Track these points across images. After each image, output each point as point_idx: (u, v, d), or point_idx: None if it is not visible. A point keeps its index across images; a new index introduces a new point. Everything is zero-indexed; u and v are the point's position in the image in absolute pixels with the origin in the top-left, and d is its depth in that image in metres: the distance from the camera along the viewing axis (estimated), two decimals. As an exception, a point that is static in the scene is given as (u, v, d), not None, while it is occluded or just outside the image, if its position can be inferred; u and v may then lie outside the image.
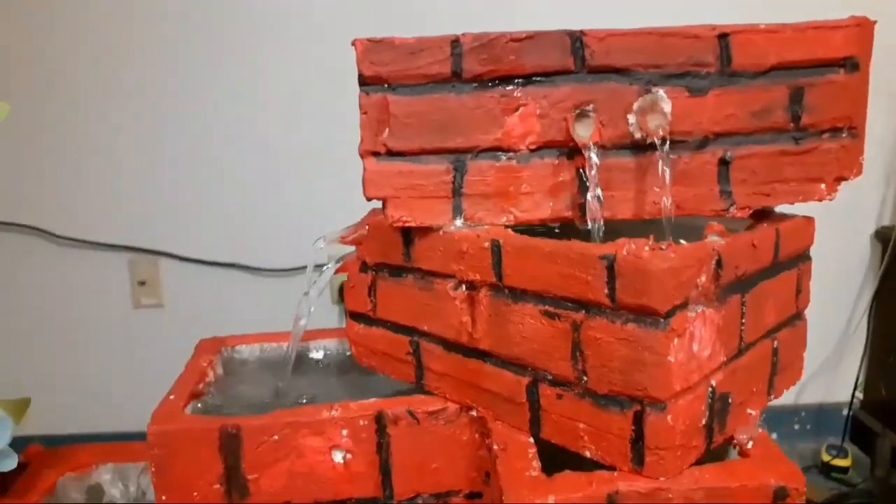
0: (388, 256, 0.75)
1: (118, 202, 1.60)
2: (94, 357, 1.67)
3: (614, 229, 0.66)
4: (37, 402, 1.47)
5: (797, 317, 0.74)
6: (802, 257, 0.73)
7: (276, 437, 0.71)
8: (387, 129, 0.67)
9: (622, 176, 0.67)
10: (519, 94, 0.66)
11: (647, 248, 0.55)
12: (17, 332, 1.65)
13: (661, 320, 0.55)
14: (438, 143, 0.67)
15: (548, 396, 0.63)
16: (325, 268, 0.82)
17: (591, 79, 0.66)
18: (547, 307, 0.61)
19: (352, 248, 0.82)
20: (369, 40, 0.65)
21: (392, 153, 0.68)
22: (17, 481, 0.87)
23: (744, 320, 0.63)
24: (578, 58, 0.65)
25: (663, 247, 0.56)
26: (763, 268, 0.66)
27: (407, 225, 0.69)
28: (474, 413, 0.72)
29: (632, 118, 0.66)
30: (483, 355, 0.68)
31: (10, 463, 0.78)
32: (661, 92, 0.65)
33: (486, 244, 0.65)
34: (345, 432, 0.72)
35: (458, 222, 0.69)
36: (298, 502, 0.72)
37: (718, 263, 0.59)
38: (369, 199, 0.69)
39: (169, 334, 1.62)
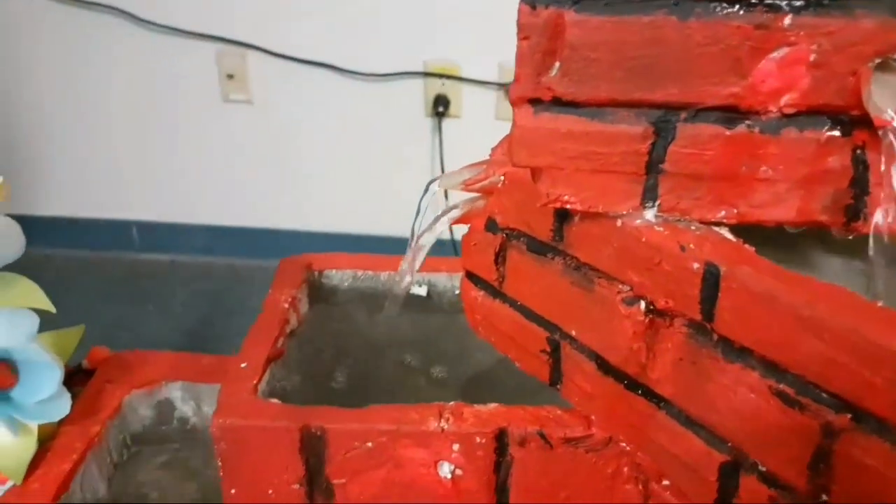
0: (530, 225, 0.54)
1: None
2: (183, 149, 1.65)
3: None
4: (122, 188, 1.48)
5: None
6: None
7: (369, 444, 0.56)
8: (557, 65, 0.43)
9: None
10: (787, 25, 0.40)
11: None
12: (102, 116, 1.61)
13: None
14: (638, 93, 0.43)
15: (753, 492, 0.44)
16: (440, 217, 0.61)
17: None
18: (783, 386, 0.40)
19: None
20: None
21: (561, 102, 0.44)
22: (82, 395, 0.79)
23: None
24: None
25: None
26: None
27: (568, 207, 0.47)
28: (625, 445, 0.54)
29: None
30: (659, 400, 0.49)
31: (62, 410, 0.68)
32: None
33: (696, 267, 0.43)
34: (456, 447, 0.56)
35: (649, 214, 0.46)
36: (394, 510, 0.59)
37: None
38: (517, 167, 0.47)
39: (258, 131, 1.60)
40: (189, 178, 1.69)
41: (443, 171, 1.60)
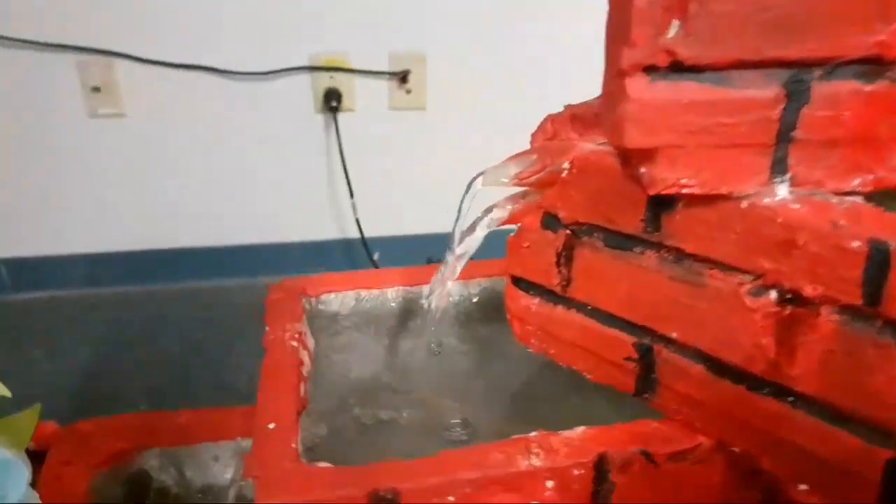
0: (609, 217, 0.47)
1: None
2: (49, 174, 1.50)
3: None
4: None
5: None
6: None
7: (450, 499, 0.47)
8: (676, 24, 0.36)
9: None
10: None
11: None
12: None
13: None
14: (771, 51, 0.36)
15: (934, 488, 0.39)
16: (481, 219, 0.53)
17: None
18: (980, 369, 0.35)
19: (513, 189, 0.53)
20: None
21: (682, 67, 0.37)
22: (37, 486, 0.64)
23: None
24: None
25: None
26: None
27: (687, 192, 0.40)
28: (737, 450, 0.49)
29: None
30: (796, 398, 0.43)
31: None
32: None
33: (856, 245, 0.37)
34: (550, 484, 0.48)
35: (782, 189, 0.40)
36: (474, 567, 0.51)
37: None
38: (630, 149, 0.39)
39: (133, 146, 1.48)
40: (60, 205, 1.50)
41: (344, 168, 1.53)
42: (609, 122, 0.40)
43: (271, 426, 0.51)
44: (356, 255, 1.62)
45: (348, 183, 1.55)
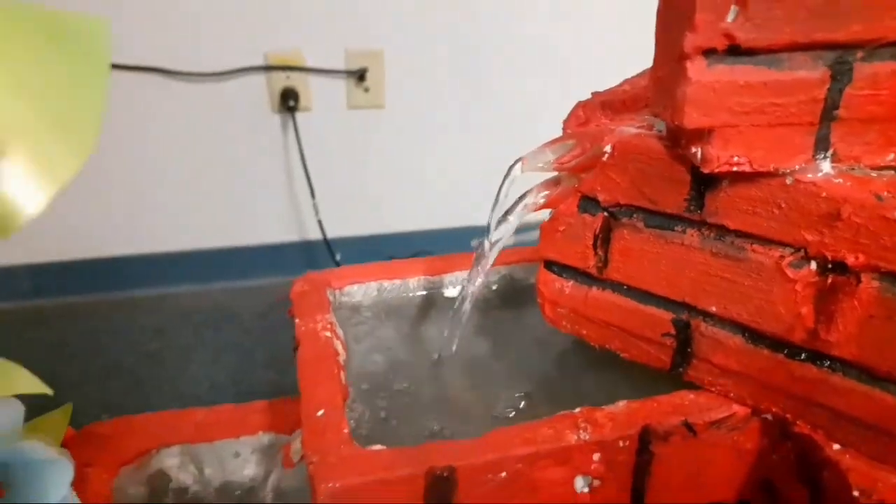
0: (653, 199, 0.49)
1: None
2: None
3: None
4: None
5: None
6: None
7: (503, 474, 0.48)
8: (735, 10, 0.38)
9: None
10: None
11: None
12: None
13: None
14: (820, 33, 0.39)
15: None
16: (515, 206, 0.54)
17: None
18: None
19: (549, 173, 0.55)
20: None
21: (738, 51, 0.39)
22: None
23: None
24: None
25: None
26: None
27: (737, 169, 0.42)
28: (769, 417, 0.51)
29: None
30: (832, 362, 0.46)
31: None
32: None
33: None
34: (596, 457, 0.50)
35: (825, 165, 0.42)
36: (520, 542, 0.52)
37: None
38: (687, 128, 0.41)
39: None
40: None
41: (305, 169, 1.51)
42: (666, 104, 0.42)
43: (320, 413, 0.51)
44: (317, 256, 1.59)
45: (309, 183, 1.53)
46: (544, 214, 0.56)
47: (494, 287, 0.71)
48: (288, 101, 1.49)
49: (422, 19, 1.46)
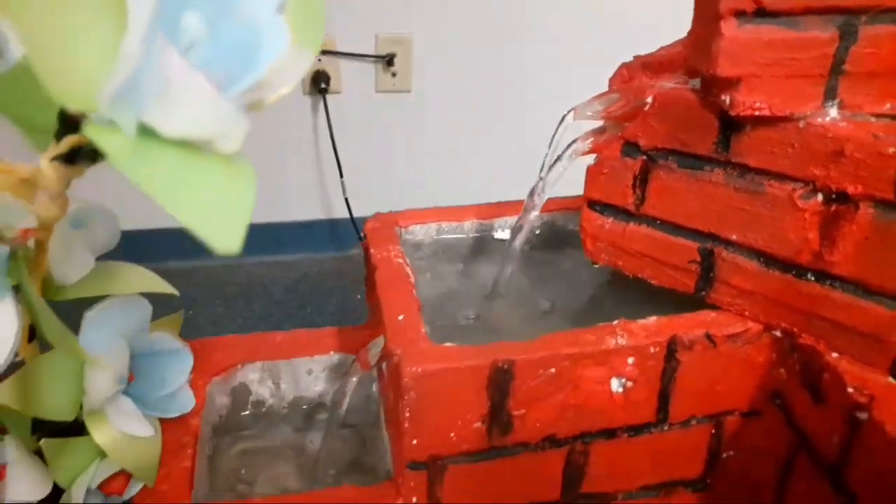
0: (686, 142, 0.58)
1: None
2: None
3: None
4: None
5: None
6: None
7: (552, 370, 0.58)
8: (763, -22, 0.47)
9: None
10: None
11: None
12: None
13: None
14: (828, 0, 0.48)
15: (943, 340, 0.51)
16: (565, 152, 0.63)
17: None
18: (983, 240, 0.47)
19: (595, 123, 0.64)
20: None
21: (765, 13, 0.48)
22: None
23: None
24: None
25: None
26: None
27: (759, 114, 0.51)
28: (778, 333, 0.60)
29: None
30: (833, 280, 0.55)
31: (189, 401, 0.63)
32: None
33: (892, 150, 0.49)
34: (630, 360, 0.59)
35: (832, 111, 0.51)
36: (564, 435, 0.62)
37: None
38: (720, 77, 0.50)
39: None
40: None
41: (334, 149, 1.58)
42: (702, 58, 0.51)
43: (401, 317, 0.61)
44: (343, 234, 1.66)
45: (338, 163, 1.58)
46: (590, 160, 0.65)
47: (538, 231, 0.80)
48: (320, 84, 1.55)
49: (448, 8, 1.52)
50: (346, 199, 1.61)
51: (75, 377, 0.56)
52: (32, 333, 0.55)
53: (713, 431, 0.66)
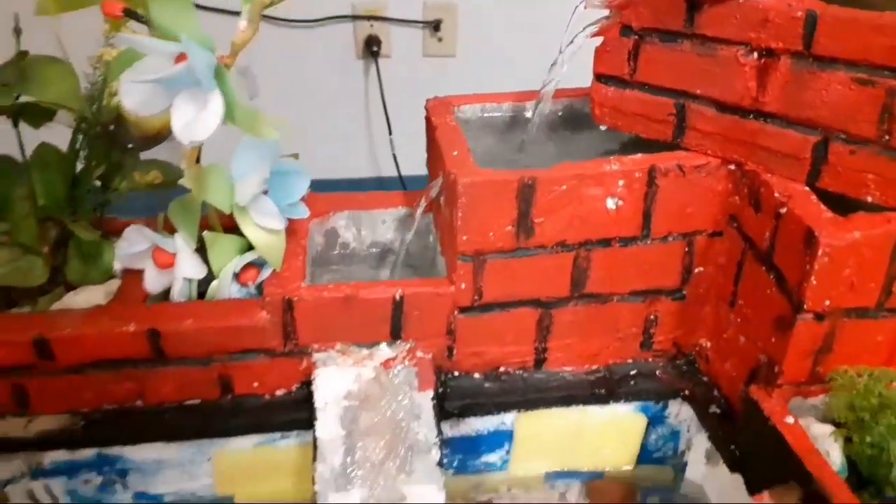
0: (663, 21, 0.80)
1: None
2: None
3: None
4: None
5: None
6: None
7: (564, 186, 0.81)
8: None
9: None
10: None
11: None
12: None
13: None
14: None
15: (838, 153, 0.73)
16: (579, 33, 0.86)
17: None
18: (860, 74, 0.69)
19: (602, 13, 0.86)
20: None
21: (711, -82, 0.70)
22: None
23: None
24: None
25: None
26: None
27: (711, -7, 0.73)
28: (732, 167, 0.82)
29: None
30: (766, 117, 0.77)
31: (304, 211, 0.88)
32: None
33: (799, 14, 0.70)
34: (621, 182, 0.82)
35: (761, -9, 0.73)
36: (572, 241, 0.85)
37: None
38: (680, -34, 0.72)
39: None
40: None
41: (385, 109, 1.66)
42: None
43: (455, 153, 0.85)
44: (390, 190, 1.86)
45: (388, 121, 1.69)
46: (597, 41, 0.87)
47: (560, 113, 1.03)
48: (371, 48, 1.69)
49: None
50: (394, 156, 1.76)
51: (230, 182, 0.81)
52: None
53: (686, 249, 0.88)
